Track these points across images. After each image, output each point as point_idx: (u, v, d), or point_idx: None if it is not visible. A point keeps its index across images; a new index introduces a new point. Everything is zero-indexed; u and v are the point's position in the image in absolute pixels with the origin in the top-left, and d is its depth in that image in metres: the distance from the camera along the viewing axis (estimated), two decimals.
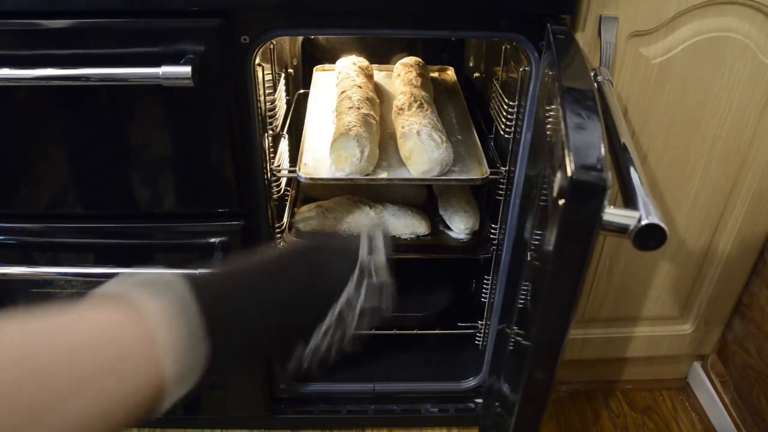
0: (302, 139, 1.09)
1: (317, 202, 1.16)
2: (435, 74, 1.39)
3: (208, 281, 0.45)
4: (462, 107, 1.26)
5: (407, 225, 1.13)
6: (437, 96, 1.24)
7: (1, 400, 0.32)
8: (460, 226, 1.15)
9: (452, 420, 1.28)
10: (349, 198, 1.16)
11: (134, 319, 0.38)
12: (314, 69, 1.38)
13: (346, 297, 0.53)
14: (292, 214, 1.15)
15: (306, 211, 1.14)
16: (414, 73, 1.23)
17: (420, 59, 1.31)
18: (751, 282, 1.18)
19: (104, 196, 0.96)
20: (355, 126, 1.00)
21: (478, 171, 1.04)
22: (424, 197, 1.25)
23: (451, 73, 1.42)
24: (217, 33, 0.80)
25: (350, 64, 1.26)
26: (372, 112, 1.08)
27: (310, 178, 1.00)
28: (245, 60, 0.84)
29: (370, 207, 1.14)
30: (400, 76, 1.25)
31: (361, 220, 1.11)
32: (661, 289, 1.18)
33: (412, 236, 1.14)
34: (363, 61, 1.29)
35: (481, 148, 1.10)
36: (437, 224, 1.18)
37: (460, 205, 1.16)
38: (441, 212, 1.19)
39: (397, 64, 1.31)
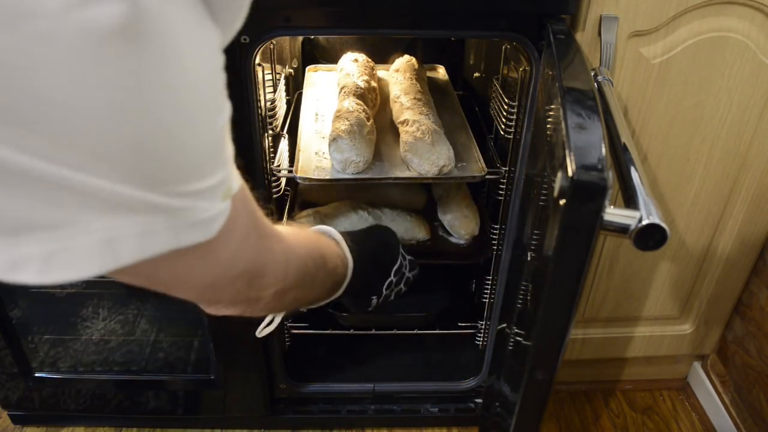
0: (297, 140, 1.09)
1: (315, 208, 1.14)
2: (429, 74, 1.38)
3: (349, 236, 0.78)
4: (454, 106, 1.25)
5: (407, 230, 1.12)
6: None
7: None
8: (459, 231, 1.14)
9: (452, 420, 1.28)
10: (346, 203, 1.14)
11: (336, 245, 0.73)
12: (306, 69, 1.38)
13: (400, 262, 0.89)
14: (291, 219, 1.14)
15: (304, 216, 1.12)
16: (413, 73, 1.23)
17: (416, 60, 1.30)
18: (751, 282, 1.18)
19: None
20: (352, 127, 1.00)
21: (476, 169, 1.04)
22: (423, 202, 1.24)
23: (442, 72, 1.41)
24: None
25: (351, 62, 1.26)
26: (369, 114, 1.08)
27: (307, 178, 1.00)
28: (245, 60, 0.84)
29: (368, 212, 1.12)
30: (399, 74, 1.24)
31: (359, 226, 1.09)
32: (661, 289, 1.18)
33: (412, 242, 1.13)
34: (364, 58, 1.28)
35: (477, 147, 1.10)
36: (437, 229, 1.18)
37: (459, 210, 1.15)
38: (440, 217, 1.18)
39: (396, 63, 1.31)
